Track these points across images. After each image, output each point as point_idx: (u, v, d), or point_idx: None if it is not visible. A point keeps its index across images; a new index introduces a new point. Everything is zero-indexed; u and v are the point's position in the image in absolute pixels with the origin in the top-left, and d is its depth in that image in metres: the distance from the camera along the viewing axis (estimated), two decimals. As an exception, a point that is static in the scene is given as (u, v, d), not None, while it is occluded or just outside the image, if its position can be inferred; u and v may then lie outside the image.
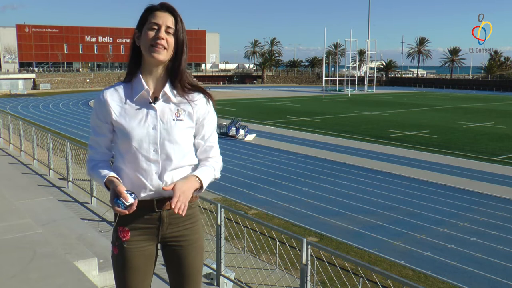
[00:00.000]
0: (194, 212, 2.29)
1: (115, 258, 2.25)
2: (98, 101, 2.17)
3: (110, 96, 2.15)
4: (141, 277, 2.25)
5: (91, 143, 2.26)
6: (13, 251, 3.65)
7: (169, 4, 2.11)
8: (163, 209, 2.17)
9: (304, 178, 19.54)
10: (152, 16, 2.08)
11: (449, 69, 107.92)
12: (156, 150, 2.11)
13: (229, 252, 6.93)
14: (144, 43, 2.08)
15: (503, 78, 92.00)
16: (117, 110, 2.13)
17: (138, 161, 2.11)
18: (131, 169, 2.13)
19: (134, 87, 2.14)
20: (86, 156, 2.31)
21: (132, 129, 2.10)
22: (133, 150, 2.11)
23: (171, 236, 2.23)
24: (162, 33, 2.05)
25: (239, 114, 39.88)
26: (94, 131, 2.23)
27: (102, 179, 2.11)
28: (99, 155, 2.23)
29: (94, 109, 2.20)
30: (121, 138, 2.13)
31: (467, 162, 22.93)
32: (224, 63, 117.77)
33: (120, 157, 2.17)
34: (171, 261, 2.29)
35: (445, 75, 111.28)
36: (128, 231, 2.19)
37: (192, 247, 2.27)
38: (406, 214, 15.11)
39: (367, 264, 4.16)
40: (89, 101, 56.22)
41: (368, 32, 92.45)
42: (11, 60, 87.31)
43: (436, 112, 46.83)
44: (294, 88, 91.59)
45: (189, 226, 2.26)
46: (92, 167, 2.20)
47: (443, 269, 11.22)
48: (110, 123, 2.16)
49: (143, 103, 2.12)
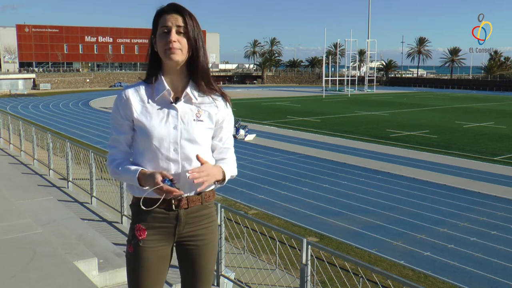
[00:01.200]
0: (211, 212, 2.29)
1: (129, 256, 2.23)
2: (120, 98, 2.18)
3: (132, 94, 2.16)
4: (153, 278, 2.23)
5: (112, 142, 2.25)
6: (13, 251, 3.65)
7: (176, 4, 2.11)
8: (180, 208, 2.17)
9: (304, 178, 19.54)
10: (162, 20, 2.09)
11: (449, 69, 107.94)
12: (176, 150, 2.12)
13: (229, 252, 6.92)
14: (160, 48, 2.10)
15: (503, 78, 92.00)
16: (138, 109, 2.14)
17: (158, 160, 2.12)
18: (150, 168, 2.13)
19: (155, 88, 2.16)
20: (107, 158, 2.29)
21: (153, 128, 2.11)
22: (153, 149, 2.12)
23: (187, 235, 2.23)
24: (173, 35, 2.06)
25: (239, 114, 39.87)
26: (115, 129, 2.22)
27: (135, 174, 2.10)
28: (121, 154, 2.23)
29: (116, 107, 2.19)
30: (141, 137, 2.14)
31: (467, 162, 22.93)
32: (224, 63, 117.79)
33: (140, 156, 2.17)
34: (185, 261, 2.28)
35: (445, 75, 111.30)
36: (144, 230, 2.18)
37: (207, 247, 2.27)
38: (406, 214, 15.11)
39: (367, 264, 4.16)
40: (89, 101, 56.24)
41: (368, 32, 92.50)
42: (11, 60, 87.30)
43: (436, 112, 46.83)
44: (294, 88, 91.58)
45: (206, 225, 2.26)
46: (117, 165, 2.19)
47: (443, 269, 11.22)
48: (131, 121, 2.17)
49: (165, 103, 2.14)
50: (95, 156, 8.30)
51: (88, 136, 30.03)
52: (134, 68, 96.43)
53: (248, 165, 21.75)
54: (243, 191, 17.36)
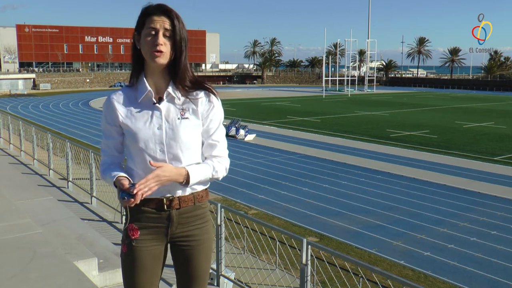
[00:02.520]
0: (204, 212, 2.29)
1: (123, 256, 2.26)
2: (106, 105, 2.22)
3: (117, 99, 2.19)
4: (148, 277, 2.25)
5: (102, 146, 2.29)
6: (13, 251, 3.65)
7: (165, 6, 2.09)
8: (172, 208, 2.18)
9: (304, 178, 19.54)
10: (149, 20, 2.07)
11: (449, 69, 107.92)
12: (163, 150, 2.13)
13: (229, 252, 6.93)
14: (144, 48, 2.09)
15: (503, 78, 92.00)
16: (123, 113, 2.16)
17: (146, 161, 2.12)
18: (140, 170, 2.16)
19: (138, 89, 2.17)
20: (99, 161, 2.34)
21: (138, 130, 2.13)
22: (140, 151, 2.13)
23: (180, 235, 2.24)
24: (160, 38, 2.05)
25: (239, 114, 39.85)
26: (104, 134, 2.27)
27: (112, 179, 2.12)
28: (110, 158, 2.26)
29: (103, 113, 2.24)
30: (129, 140, 2.17)
31: (467, 162, 22.92)
32: (224, 63, 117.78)
33: (130, 159, 2.21)
34: (179, 261, 2.29)
35: (445, 75, 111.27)
36: (137, 230, 2.20)
37: (201, 247, 2.27)
38: (406, 214, 15.11)
39: (367, 264, 4.16)
40: (89, 101, 56.23)
41: (368, 32, 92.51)
42: (11, 60, 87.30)
43: (436, 112, 46.82)
44: (294, 88, 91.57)
45: (199, 226, 2.26)
46: (104, 171, 2.23)
47: (443, 269, 11.22)
48: (119, 126, 2.19)
49: (148, 104, 2.15)
50: (95, 156, 8.30)
51: (88, 136, 30.03)
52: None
53: (248, 165, 21.74)
54: (243, 191, 17.36)
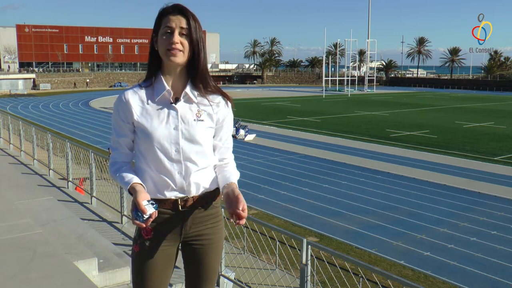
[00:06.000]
0: (217, 211, 2.30)
1: (135, 255, 2.23)
2: (120, 101, 2.17)
3: (132, 96, 2.16)
4: (159, 277, 2.23)
5: (113, 144, 2.26)
6: (13, 251, 3.65)
7: (181, 6, 2.12)
8: (186, 208, 2.18)
9: (304, 178, 19.54)
10: (165, 20, 2.09)
11: (449, 69, 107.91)
12: (178, 150, 2.12)
13: (229, 252, 6.92)
14: (161, 48, 2.10)
15: (503, 78, 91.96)
16: (138, 110, 2.14)
17: (161, 161, 2.12)
18: (153, 170, 2.14)
19: (155, 88, 2.15)
20: (109, 159, 2.30)
21: (154, 129, 2.11)
22: (154, 150, 2.12)
23: (193, 235, 2.24)
24: (175, 37, 2.06)
25: (239, 114, 39.87)
26: (115, 131, 2.22)
27: (126, 186, 2.10)
28: (121, 156, 2.23)
29: (116, 110, 2.19)
30: (143, 139, 2.14)
31: (467, 162, 22.93)
32: (224, 63, 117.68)
33: (142, 158, 2.17)
34: (190, 260, 2.29)
35: (445, 75, 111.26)
36: (151, 230, 2.18)
37: (213, 246, 2.27)
38: (406, 214, 15.11)
39: (367, 264, 4.16)
40: (89, 101, 56.23)
41: (368, 32, 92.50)
42: (11, 60, 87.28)
43: (436, 112, 46.83)
44: (294, 88, 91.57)
45: (212, 225, 2.27)
46: (115, 171, 2.19)
47: (443, 269, 11.22)
48: (132, 123, 2.16)
49: (165, 104, 2.14)
50: (95, 156, 8.30)
51: (88, 136, 30.04)
52: (134, 68, 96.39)
53: (248, 165, 21.74)
54: (243, 191, 17.08)
